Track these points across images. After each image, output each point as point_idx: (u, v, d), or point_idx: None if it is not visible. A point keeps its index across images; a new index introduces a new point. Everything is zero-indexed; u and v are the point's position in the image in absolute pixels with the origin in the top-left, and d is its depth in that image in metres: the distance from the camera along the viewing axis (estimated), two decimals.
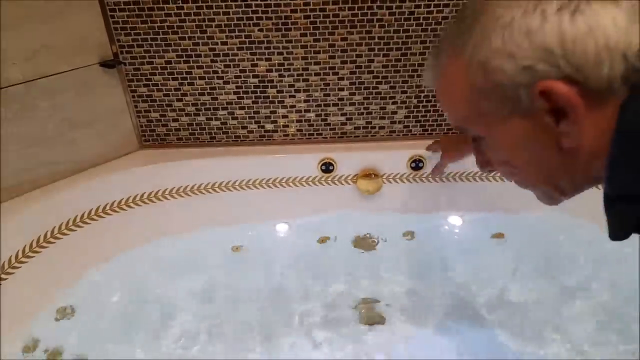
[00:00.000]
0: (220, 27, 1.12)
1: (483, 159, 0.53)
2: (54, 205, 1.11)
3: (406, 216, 1.30)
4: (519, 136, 0.44)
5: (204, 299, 1.17)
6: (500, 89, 0.42)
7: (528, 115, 0.42)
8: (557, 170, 0.45)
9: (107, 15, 1.10)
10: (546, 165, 0.45)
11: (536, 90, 0.40)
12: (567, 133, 0.41)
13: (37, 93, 1.06)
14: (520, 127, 0.43)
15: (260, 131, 1.28)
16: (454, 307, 1.14)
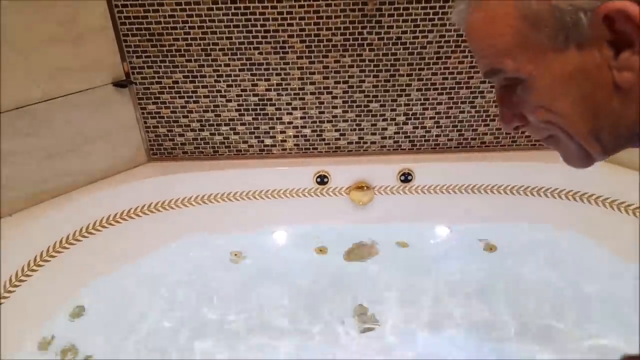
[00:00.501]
0: (223, 51, 1.22)
1: (512, 111, 0.46)
2: (70, 212, 1.21)
3: (397, 225, 1.38)
4: (570, 71, 0.39)
5: (204, 302, 1.25)
6: (557, 14, 0.37)
7: (586, 46, 0.37)
8: (606, 116, 0.40)
9: (120, 40, 1.20)
10: (596, 107, 0.40)
11: (600, 14, 0.35)
12: (628, 67, 0.36)
13: (56, 110, 1.16)
14: (574, 60, 0.38)
15: (260, 145, 1.38)
16: (446, 314, 1.21)
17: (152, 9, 1.16)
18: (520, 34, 0.39)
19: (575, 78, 0.39)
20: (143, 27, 1.19)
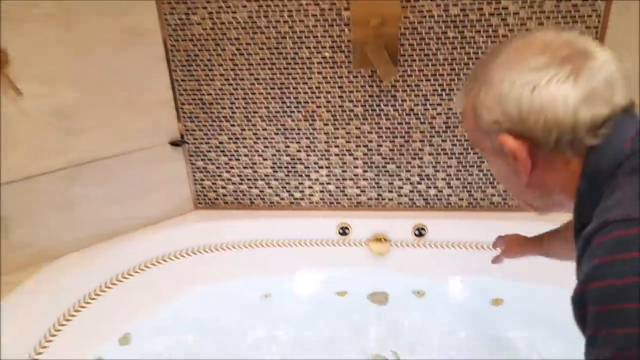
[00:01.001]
0: (262, 118, 1.44)
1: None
2: (127, 251, 1.42)
3: (411, 276, 1.49)
4: (497, 165, 0.59)
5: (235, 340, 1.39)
6: (482, 130, 0.56)
7: (500, 153, 0.55)
8: (524, 194, 0.60)
9: (178, 107, 1.45)
10: (516, 188, 0.60)
11: (500, 141, 0.54)
12: (520, 171, 0.55)
13: (123, 163, 1.40)
14: (498, 160, 0.57)
15: (290, 198, 1.56)
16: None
17: (205, 83, 1.41)
18: (473, 134, 0.59)
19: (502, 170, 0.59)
20: (197, 97, 1.43)
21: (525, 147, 0.52)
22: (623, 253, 0.41)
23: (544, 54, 0.51)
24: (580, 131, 0.50)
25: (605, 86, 0.50)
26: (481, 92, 0.55)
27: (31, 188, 1.28)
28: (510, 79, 0.52)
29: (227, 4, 1.31)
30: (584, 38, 0.53)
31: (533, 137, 0.52)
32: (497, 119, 0.53)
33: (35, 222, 1.31)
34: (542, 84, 0.50)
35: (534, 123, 0.51)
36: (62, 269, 1.33)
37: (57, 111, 1.26)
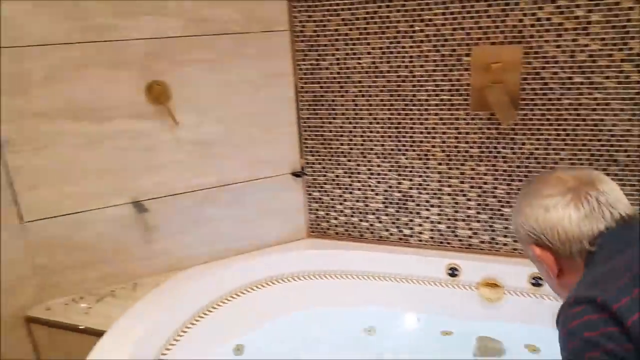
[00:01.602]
0: (377, 155, 1.52)
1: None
2: (246, 268, 1.55)
3: (525, 328, 1.41)
4: (538, 268, 0.78)
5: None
6: (522, 242, 0.78)
7: (536, 259, 0.76)
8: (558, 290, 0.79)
9: (301, 142, 1.59)
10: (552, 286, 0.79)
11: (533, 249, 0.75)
12: (550, 274, 0.75)
13: (250, 189, 1.56)
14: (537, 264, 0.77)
15: (399, 234, 1.59)
16: None
17: (327, 121, 1.54)
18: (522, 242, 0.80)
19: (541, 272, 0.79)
20: (319, 134, 1.56)
21: (551, 255, 0.72)
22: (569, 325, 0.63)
23: (555, 186, 0.73)
24: (584, 241, 0.69)
25: (600, 207, 0.70)
26: (518, 213, 0.77)
27: (174, 204, 1.49)
28: (531, 203, 0.74)
29: (353, 51, 1.44)
30: (594, 173, 0.75)
31: (554, 248, 0.72)
32: (527, 233, 0.75)
33: (174, 233, 1.51)
34: (551, 206, 0.71)
35: (552, 236, 0.71)
36: (190, 279, 1.50)
37: (202, 140, 1.47)
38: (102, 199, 1.40)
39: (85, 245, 1.41)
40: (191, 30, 1.35)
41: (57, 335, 1.34)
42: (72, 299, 1.42)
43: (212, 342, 1.44)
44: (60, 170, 1.33)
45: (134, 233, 1.46)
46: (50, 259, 1.39)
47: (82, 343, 1.29)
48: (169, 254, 1.52)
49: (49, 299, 1.41)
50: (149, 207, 1.42)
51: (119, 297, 1.42)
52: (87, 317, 1.34)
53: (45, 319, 1.35)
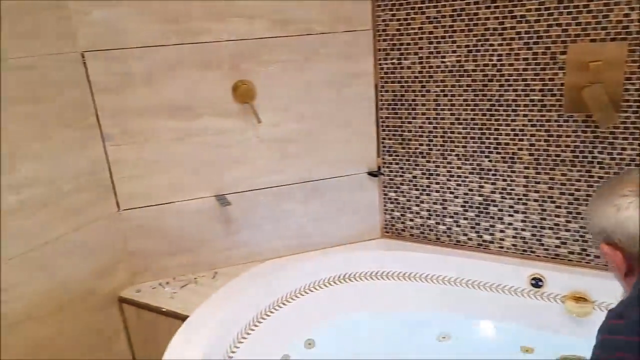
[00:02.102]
0: (458, 156, 1.47)
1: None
2: (319, 264, 1.58)
3: None
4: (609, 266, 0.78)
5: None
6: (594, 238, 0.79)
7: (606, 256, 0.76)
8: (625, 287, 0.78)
9: (379, 142, 1.58)
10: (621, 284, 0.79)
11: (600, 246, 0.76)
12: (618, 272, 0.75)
13: (328, 186, 1.58)
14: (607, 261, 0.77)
15: (478, 240, 1.53)
16: None
17: (407, 121, 1.51)
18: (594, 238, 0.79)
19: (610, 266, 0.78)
20: (397, 133, 1.54)
21: (620, 254, 0.72)
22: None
23: (631, 186, 0.73)
24: None
25: None
26: (591, 210, 0.78)
27: (254, 198, 1.54)
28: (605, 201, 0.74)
29: (437, 50, 1.40)
30: None
31: (623, 247, 0.72)
32: (598, 231, 0.75)
33: (253, 227, 1.57)
34: (623, 206, 0.71)
35: (621, 235, 0.71)
36: (267, 271, 1.54)
37: (282, 138, 1.50)
38: (189, 192, 1.48)
39: (172, 234, 1.51)
40: (277, 31, 1.39)
41: (144, 315, 1.45)
42: (159, 284, 1.52)
43: (284, 334, 1.48)
44: (153, 163, 1.43)
45: (216, 225, 1.53)
46: (142, 245, 1.50)
47: (166, 324, 1.38)
48: (248, 246, 1.58)
49: (139, 282, 1.53)
50: (230, 200, 1.49)
51: (201, 285, 1.50)
52: (172, 301, 1.43)
53: (135, 300, 1.45)
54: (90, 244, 1.37)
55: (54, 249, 1.27)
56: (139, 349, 1.52)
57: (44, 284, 1.25)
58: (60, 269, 1.29)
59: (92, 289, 1.40)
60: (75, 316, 1.34)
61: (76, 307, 1.34)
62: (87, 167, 1.35)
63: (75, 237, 1.33)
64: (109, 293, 1.46)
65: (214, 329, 1.26)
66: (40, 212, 1.23)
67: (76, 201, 1.32)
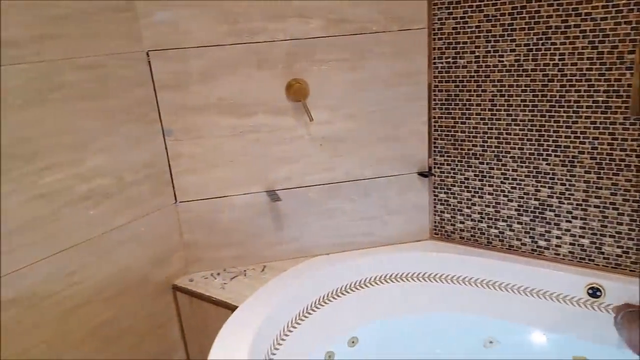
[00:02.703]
0: (513, 158, 1.43)
1: None
2: (365, 263, 1.58)
3: None
4: None
5: None
6: None
7: None
8: None
9: (431, 142, 1.56)
10: None
11: None
12: None
13: (376, 186, 1.58)
14: None
15: (532, 245, 1.48)
16: None
17: (460, 121, 1.48)
18: None
19: None
20: (450, 134, 1.51)
21: None
22: None
23: None
24: None
25: None
26: None
27: (303, 195, 1.56)
28: None
29: (495, 49, 1.37)
30: None
31: None
32: None
33: (301, 223, 1.59)
34: None
35: None
36: (314, 267, 1.56)
37: (333, 137, 1.52)
38: (241, 186, 1.53)
39: (224, 227, 1.56)
40: (331, 30, 1.40)
41: (196, 304, 1.51)
42: (210, 274, 1.58)
43: (329, 330, 1.50)
44: (209, 158, 1.48)
45: (266, 220, 1.57)
46: (196, 236, 1.56)
47: (216, 313, 1.44)
48: (296, 242, 1.61)
49: (192, 272, 1.59)
50: (281, 196, 1.52)
51: (250, 277, 1.55)
52: (222, 291, 1.48)
53: (188, 289, 1.52)
54: (148, 233, 1.45)
55: (115, 237, 1.35)
56: (191, 336, 1.59)
57: (106, 270, 1.34)
58: (121, 256, 1.37)
59: (149, 276, 1.47)
60: (132, 301, 1.42)
61: (134, 292, 1.42)
62: (148, 161, 1.42)
63: (135, 227, 1.40)
64: (164, 281, 1.53)
65: (261, 321, 1.29)
66: (105, 202, 1.31)
67: (137, 192, 1.40)
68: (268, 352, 1.31)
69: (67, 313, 1.24)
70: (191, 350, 1.62)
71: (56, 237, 1.21)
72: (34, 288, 1.17)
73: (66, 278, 1.23)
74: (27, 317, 1.16)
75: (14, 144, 1.10)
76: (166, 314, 1.55)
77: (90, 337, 1.30)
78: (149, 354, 1.49)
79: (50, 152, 1.17)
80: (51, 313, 1.21)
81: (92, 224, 1.29)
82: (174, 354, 1.59)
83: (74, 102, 1.21)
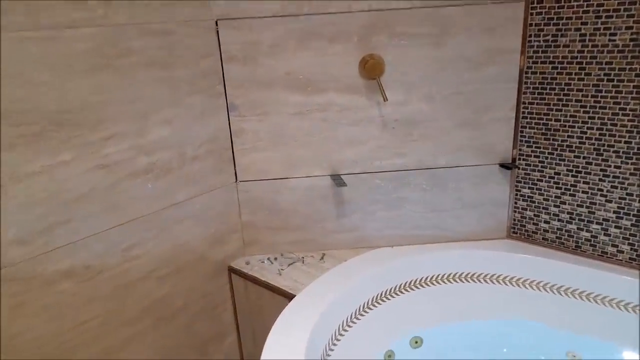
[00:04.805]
0: (617, 153, 1.24)
1: None
2: (432, 259, 1.45)
3: None
4: None
5: None
6: None
7: None
8: None
9: (517, 130, 1.39)
10: None
11: None
12: None
13: (450, 176, 1.44)
14: None
15: (632, 253, 1.29)
16: None
17: (556, 108, 1.31)
18: None
19: None
20: (542, 122, 1.34)
21: None
22: None
23: None
24: None
25: None
26: None
27: (370, 181, 1.45)
28: None
29: (606, 25, 1.18)
30: None
31: None
32: None
33: (366, 211, 1.48)
34: None
35: None
36: (377, 260, 1.46)
37: (407, 119, 1.39)
38: (305, 168, 1.43)
39: (285, 210, 1.48)
40: (415, 1, 1.26)
41: (251, 288, 1.44)
42: (267, 258, 1.51)
43: (390, 328, 1.39)
44: (273, 137, 1.40)
45: (328, 205, 1.47)
46: (255, 218, 1.49)
47: (272, 300, 1.36)
48: (359, 231, 1.50)
49: (249, 254, 1.53)
50: (346, 181, 1.41)
51: (308, 265, 1.46)
52: (279, 278, 1.40)
53: (244, 272, 1.45)
54: (207, 211, 1.39)
55: (174, 214, 1.30)
56: (244, 320, 1.53)
57: (163, 246, 1.29)
58: (179, 233, 1.32)
59: (205, 256, 1.42)
60: (187, 280, 1.37)
61: (189, 272, 1.37)
62: (211, 136, 1.35)
63: (195, 204, 1.35)
64: (220, 262, 1.47)
65: (319, 314, 1.21)
66: (166, 177, 1.26)
67: (198, 169, 1.33)
68: (326, 348, 1.22)
69: (122, 288, 1.21)
70: (243, 334, 1.56)
71: (115, 210, 1.16)
72: (90, 261, 1.13)
73: (123, 253, 1.19)
74: (82, 290, 1.13)
75: (77, 110, 1.05)
76: (220, 296, 1.49)
77: (144, 314, 1.27)
78: (201, 335, 1.45)
79: (114, 121, 1.12)
80: (106, 287, 1.17)
81: (152, 198, 1.24)
82: (226, 337, 1.54)
83: (140, 69, 1.15)
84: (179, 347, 1.38)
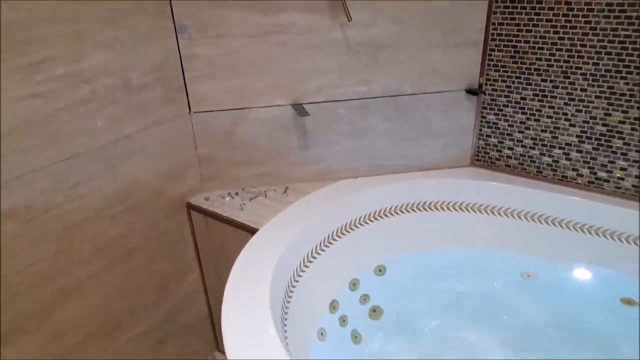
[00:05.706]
0: (584, 76, 1.22)
1: None
2: (396, 189, 1.44)
3: None
4: None
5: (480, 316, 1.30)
6: None
7: None
8: None
9: (485, 54, 1.34)
10: None
11: None
12: None
13: (416, 104, 1.39)
14: None
15: (590, 177, 1.32)
16: None
17: (526, 29, 1.26)
18: None
19: None
20: (511, 44, 1.29)
21: None
22: None
23: None
24: None
25: None
26: None
27: (333, 110, 1.38)
28: None
29: None
30: None
31: None
32: None
33: (329, 142, 1.43)
34: None
35: None
36: (341, 191, 1.42)
37: (372, 43, 1.30)
38: (264, 97, 1.34)
39: (244, 143, 1.40)
40: None
41: (212, 224, 1.39)
42: (227, 193, 1.45)
43: (355, 258, 1.39)
44: (228, 62, 1.28)
45: (291, 137, 1.40)
46: (212, 151, 1.40)
47: (234, 235, 1.32)
48: (323, 162, 1.45)
49: (208, 190, 1.46)
50: (308, 110, 1.34)
51: (271, 199, 1.41)
52: (241, 212, 1.35)
53: (203, 208, 1.39)
54: (160, 145, 1.29)
55: (123, 147, 1.19)
56: (206, 256, 1.49)
57: (114, 183, 1.19)
58: (130, 168, 1.22)
59: (161, 192, 1.34)
60: (144, 217, 1.30)
61: (146, 208, 1.30)
62: (159, 62, 1.22)
63: (145, 137, 1.24)
64: (178, 198, 1.40)
65: (284, 247, 1.18)
66: (110, 107, 1.14)
67: (146, 98, 1.22)
68: (290, 279, 1.20)
69: (70, 228, 1.12)
70: (206, 270, 1.53)
71: (55, 144, 1.05)
72: (32, 200, 1.03)
73: (69, 190, 1.10)
74: (26, 231, 1.04)
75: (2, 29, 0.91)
76: (180, 233, 1.44)
77: (98, 254, 1.20)
78: (161, 273, 1.40)
79: (44, 42, 0.98)
80: (53, 228, 1.08)
81: (97, 131, 1.12)
82: (188, 275, 1.50)
83: None
84: (138, 285, 1.33)
